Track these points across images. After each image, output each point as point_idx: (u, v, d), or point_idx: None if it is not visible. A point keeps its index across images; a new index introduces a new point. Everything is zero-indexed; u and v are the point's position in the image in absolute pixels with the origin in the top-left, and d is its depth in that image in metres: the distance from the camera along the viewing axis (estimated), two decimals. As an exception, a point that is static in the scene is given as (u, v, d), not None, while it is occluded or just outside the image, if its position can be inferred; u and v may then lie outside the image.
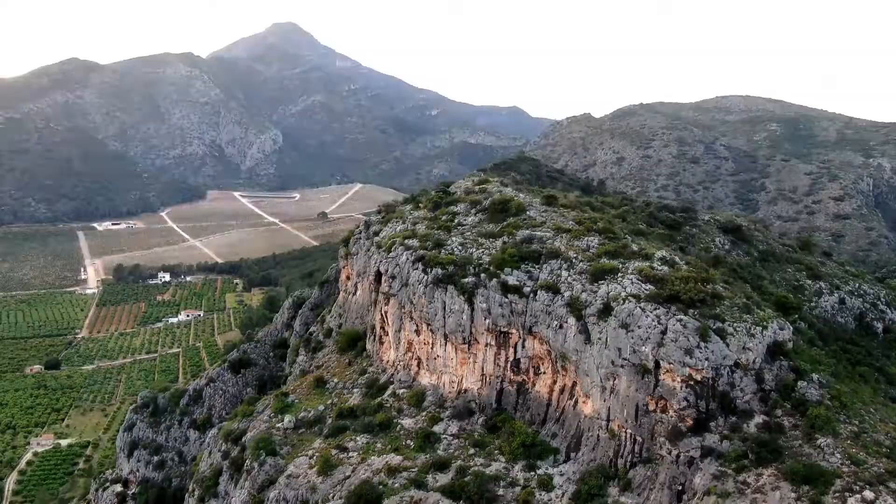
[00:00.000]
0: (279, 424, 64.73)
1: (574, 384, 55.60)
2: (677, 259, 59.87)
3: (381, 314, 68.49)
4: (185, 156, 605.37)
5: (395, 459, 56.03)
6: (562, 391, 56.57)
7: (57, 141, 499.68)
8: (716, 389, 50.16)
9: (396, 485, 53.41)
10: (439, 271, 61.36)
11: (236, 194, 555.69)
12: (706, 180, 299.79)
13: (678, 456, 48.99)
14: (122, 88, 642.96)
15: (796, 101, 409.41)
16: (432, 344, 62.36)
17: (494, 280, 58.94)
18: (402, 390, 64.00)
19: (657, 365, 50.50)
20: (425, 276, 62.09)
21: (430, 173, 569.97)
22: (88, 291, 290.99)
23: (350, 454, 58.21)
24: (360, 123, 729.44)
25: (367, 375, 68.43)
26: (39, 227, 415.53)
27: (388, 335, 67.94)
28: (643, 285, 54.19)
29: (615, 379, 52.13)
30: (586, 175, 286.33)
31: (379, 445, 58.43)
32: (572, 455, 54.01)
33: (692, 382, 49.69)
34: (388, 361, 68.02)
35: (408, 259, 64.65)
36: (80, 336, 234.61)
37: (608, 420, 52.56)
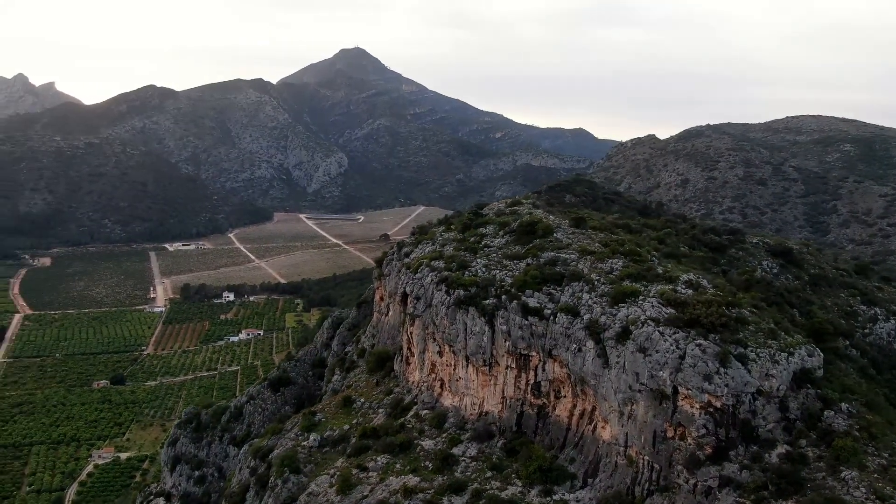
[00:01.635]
0: (305, 443, 65.39)
1: (593, 409, 54.62)
2: (704, 282, 58.37)
3: (408, 335, 68.82)
4: (253, 179, 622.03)
5: (412, 480, 55.87)
6: (581, 416, 55.61)
7: (133, 165, 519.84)
8: (736, 417, 48.53)
9: (411, 506, 53.26)
10: (461, 293, 61.34)
11: (302, 216, 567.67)
12: (774, 202, 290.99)
13: (696, 485, 47.52)
14: (195, 114, 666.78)
15: (872, 120, 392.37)
16: (454, 365, 62.24)
17: (515, 302, 58.56)
18: (424, 411, 63.97)
19: (675, 391, 49.22)
20: (448, 298, 62.15)
21: (493, 196, 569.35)
22: (156, 310, 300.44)
23: (370, 474, 58.34)
24: (424, 146, 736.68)
25: (392, 396, 68.68)
26: (114, 248, 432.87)
27: (414, 356, 68.15)
28: (664, 309, 53.00)
29: (633, 404, 50.99)
30: (648, 197, 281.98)
31: (398, 466, 58.42)
32: (589, 481, 52.90)
33: (711, 409, 48.22)
34: (413, 382, 68.17)
35: (432, 280, 64.88)
36: (145, 353, 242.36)
37: (626, 446, 51.37)
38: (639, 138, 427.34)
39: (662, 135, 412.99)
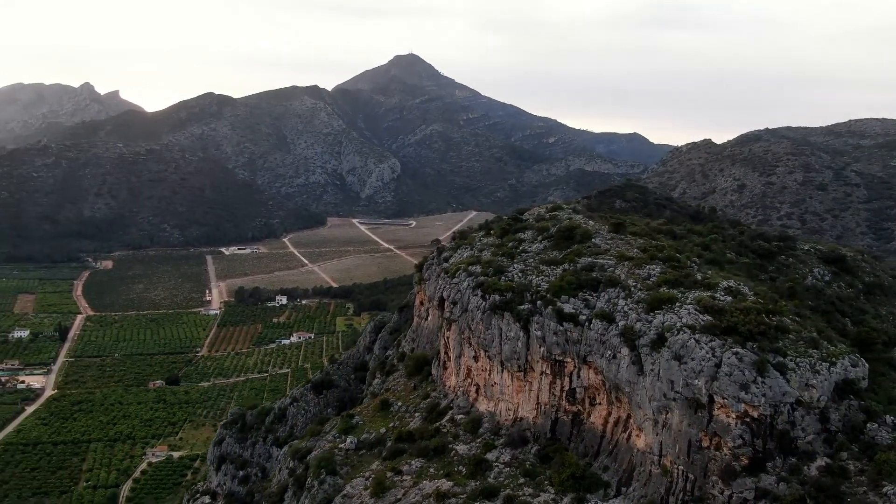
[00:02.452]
0: (342, 445, 66.12)
1: (628, 416, 53.91)
2: (745, 289, 57.11)
3: (444, 339, 69.00)
4: (308, 184, 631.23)
5: (445, 485, 56.00)
6: (616, 423, 54.94)
7: (191, 170, 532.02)
8: (774, 428, 47.32)
9: (443, 511, 53.34)
10: (497, 298, 61.27)
11: (355, 221, 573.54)
12: (835, 208, 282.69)
13: (731, 496, 46.48)
14: (252, 121, 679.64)
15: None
16: (489, 371, 62.16)
17: (550, 307, 58.21)
18: (459, 416, 64.04)
19: (711, 399, 48.25)
20: (483, 303, 62.14)
21: (546, 201, 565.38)
22: (211, 312, 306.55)
23: (404, 477, 58.65)
24: (476, 152, 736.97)
25: (428, 400, 68.93)
26: (172, 251, 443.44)
27: (450, 360, 68.26)
28: (700, 316, 52.03)
29: (667, 412, 50.16)
30: (703, 203, 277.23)
31: (432, 470, 58.59)
32: (623, 490, 52.21)
33: (748, 419, 47.14)
34: (449, 387, 68.30)
35: (468, 285, 64.96)
36: (199, 354, 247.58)
37: (660, 455, 50.54)
38: (694, 143, 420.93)
39: (719, 139, 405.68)
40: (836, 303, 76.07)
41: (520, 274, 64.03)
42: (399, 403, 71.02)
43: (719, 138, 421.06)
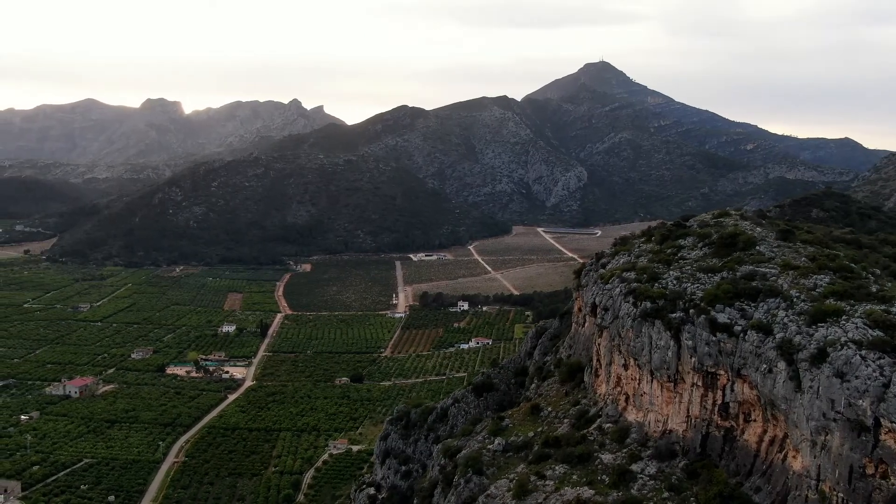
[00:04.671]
0: (490, 446, 66.94)
1: (785, 436, 50.21)
2: (929, 304, 51.26)
3: (597, 346, 67.82)
4: (494, 193, 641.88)
5: (586, 493, 55.08)
6: (771, 442, 51.34)
7: (384, 180, 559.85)
8: (952, 459, 42.15)
9: (583, 519, 52.55)
10: (648, 305, 59.34)
11: (539, 230, 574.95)
12: None
13: (897, 531, 41.95)
14: (442, 131, 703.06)
15: None
16: (639, 380, 60.30)
17: (703, 316, 55.51)
18: (607, 424, 62.61)
19: (877, 423, 43.83)
20: (634, 310, 60.44)
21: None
22: (397, 315, 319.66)
23: (547, 482, 58.35)
24: (667, 159, 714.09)
25: (578, 407, 67.96)
26: (364, 257, 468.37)
27: (601, 368, 66.98)
28: (869, 331, 47.44)
29: (827, 434, 46.16)
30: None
31: (575, 477, 57.83)
32: (775, 514, 48.69)
33: (920, 447, 42.33)
34: (599, 395, 66.97)
35: (621, 291, 63.44)
36: (383, 355, 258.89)
37: (818, 480, 46.60)
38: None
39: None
40: None
41: (674, 281, 61.61)
42: (549, 409, 70.69)
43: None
